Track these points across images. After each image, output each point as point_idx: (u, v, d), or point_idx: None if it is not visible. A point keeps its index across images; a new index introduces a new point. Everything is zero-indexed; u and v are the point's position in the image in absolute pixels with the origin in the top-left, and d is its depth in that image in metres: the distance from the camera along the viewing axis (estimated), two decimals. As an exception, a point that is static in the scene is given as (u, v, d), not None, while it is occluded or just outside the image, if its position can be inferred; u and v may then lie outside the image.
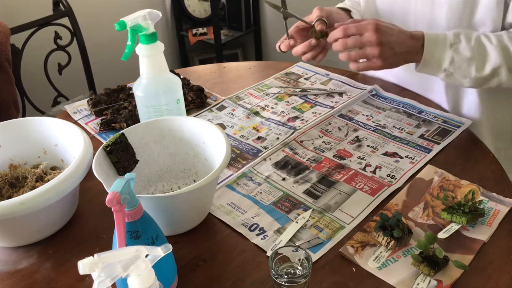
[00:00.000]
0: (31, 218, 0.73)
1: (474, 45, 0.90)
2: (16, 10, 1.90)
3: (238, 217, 0.82)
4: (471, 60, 0.91)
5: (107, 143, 0.78)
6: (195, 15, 2.58)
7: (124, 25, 0.81)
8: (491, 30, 0.95)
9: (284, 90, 1.21)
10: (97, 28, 2.11)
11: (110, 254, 0.48)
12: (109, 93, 1.17)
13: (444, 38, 0.91)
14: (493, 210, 0.80)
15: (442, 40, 0.91)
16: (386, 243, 0.73)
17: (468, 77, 0.93)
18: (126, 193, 0.57)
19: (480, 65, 0.91)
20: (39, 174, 0.86)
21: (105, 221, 0.81)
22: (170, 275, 0.67)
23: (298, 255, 0.66)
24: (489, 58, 0.90)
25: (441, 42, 0.91)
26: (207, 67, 1.41)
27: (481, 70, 0.91)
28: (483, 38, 0.91)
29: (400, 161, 0.93)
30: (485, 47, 0.91)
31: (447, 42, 0.91)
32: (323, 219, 0.80)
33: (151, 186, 0.87)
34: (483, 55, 0.91)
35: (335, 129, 1.05)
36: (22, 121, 0.89)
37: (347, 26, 0.91)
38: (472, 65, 0.91)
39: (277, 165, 0.94)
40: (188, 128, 0.85)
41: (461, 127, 1.03)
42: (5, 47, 1.39)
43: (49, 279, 0.73)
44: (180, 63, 2.70)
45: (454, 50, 0.91)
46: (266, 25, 2.64)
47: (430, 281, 0.68)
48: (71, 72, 1.64)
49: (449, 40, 0.91)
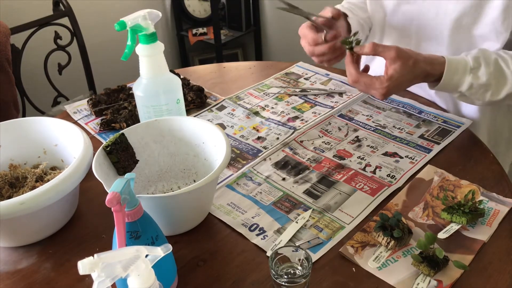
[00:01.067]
0: (31, 218, 0.73)
1: (493, 70, 0.89)
2: (16, 10, 1.90)
3: (238, 217, 0.82)
4: (488, 86, 0.90)
5: (107, 143, 0.78)
6: (195, 15, 2.58)
7: (124, 25, 0.81)
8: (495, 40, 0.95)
9: (284, 90, 1.21)
10: (97, 28, 2.11)
11: (110, 254, 0.48)
12: (109, 93, 1.17)
13: (465, 64, 0.89)
14: (493, 210, 0.80)
15: (463, 66, 0.89)
16: (386, 243, 0.73)
17: (482, 100, 0.92)
18: (126, 193, 0.57)
19: (496, 90, 0.90)
20: (39, 174, 0.86)
21: (105, 221, 0.81)
22: (170, 275, 0.67)
23: (298, 255, 0.66)
24: (506, 83, 0.90)
25: (462, 68, 0.89)
26: (207, 67, 1.41)
27: (496, 95, 0.91)
28: (501, 62, 0.90)
29: (400, 161, 0.93)
30: (504, 73, 0.90)
31: (467, 68, 0.89)
32: (323, 219, 0.80)
33: (151, 186, 0.87)
34: (500, 81, 0.90)
35: (335, 129, 1.05)
36: (22, 121, 0.89)
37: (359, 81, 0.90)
38: (489, 90, 0.90)
39: (277, 165, 0.94)
40: (188, 128, 0.85)
41: (461, 127, 1.03)
42: (5, 47, 1.39)
43: (49, 279, 0.73)
44: (180, 63, 2.70)
45: (473, 75, 0.89)
46: (266, 25, 2.64)
47: (430, 281, 0.68)
48: (71, 72, 1.64)
49: (469, 65, 0.89)
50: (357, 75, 0.90)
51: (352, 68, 0.91)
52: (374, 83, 0.88)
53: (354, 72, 0.90)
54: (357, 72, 0.90)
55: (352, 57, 0.92)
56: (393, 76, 0.86)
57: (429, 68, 0.89)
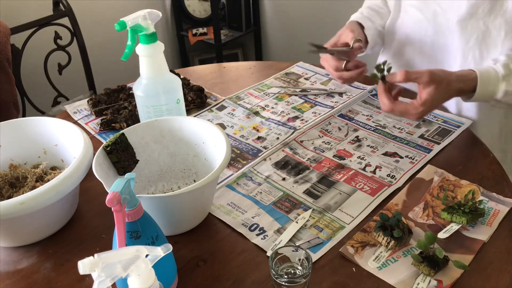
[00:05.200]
0: (31, 218, 0.73)
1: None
2: (16, 10, 1.90)
3: (238, 217, 0.82)
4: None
5: (107, 143, 0.78)
6: (195, 15, 2.58)
7: (124, 25, 0.81)
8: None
9: (284, 90, 1.21)
10: (97, 28, 2.11)
11: (110, 254, 0.48)
12: (109, 93, 1.17)
13: (496, 74, 0.90)
14: (493, 210, 0.80)
15: (494, 76, 0.90)
16: (386, 243, 0.74)
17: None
18: (126, 193, 0.57)
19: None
20: (39, 174, 0.86)
21: (105, 221, 0.81)
22: (170, 275, 0.67)
23: (298, 255, 0.66)
24: None
25: (494, 78, 0.90)
26: (207, 67, 1.41)
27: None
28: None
29: (400, 161, 0.93)
30: None
31: (499, 77, 0.90)
32: (323, 219, 0.80)
33: (151, 186, 0.87)
34: None
35: (335, 129, 1.05)
36: (22, 121, 0.89)
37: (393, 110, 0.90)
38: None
39: (277, 165, 0.94)
40: (188, 128, 0.85)
41: (461, 127, 1.03)
42: (5, 47, 1.39)
43: (49, 279, 0.73)
44: (180, 63, 2.70)
45: (507, 82, 0.90)
46: (266, 25, 2.64)
47: (430, 281, 0.68)
48: (71, 72, 1.64)
49: (501, 73, 0.90)
50: (391, 105, 0.90)
51: (385, 98, 0.91)
52: (408, 110, 0.89)
53: (388, 102, 0.91)
54: (391, 102, 0.91)
55: (385, 86, 0.92)
56: (427, 101, 0.87)
57: (462, 85, 0.90)
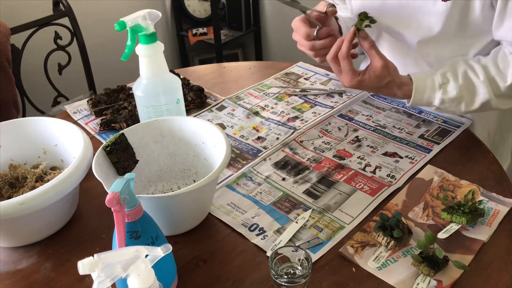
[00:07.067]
0: (31, 218, 0.73)
1: (462, 83, 0.91)
2: (16, 10, 1.90)
3: (238, 217, 0.82)
4: (460, 98, 0.92)
5: (107, 143, 0.78)
6: (195, 15, 2.58)
7: (124, 25, 0.81)
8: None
9: (284, 90, 1.21)
10: (97, 28, 2.11)
11: (110, 254, 0.48)
12: (109, 93, 1.17)
13: (432, 82, 0.92)
14: (493, 210, 0.80)
15: (431, 84, 0.92)
16: (386, 243, 0.74)
17: (458, 111, 0.95)
18: (126, 193, 0.57)
19: (470, 101, 0.92)
20: (39, 174, 0.86)
21: (105, 221, 0.81)
22: (170, 275, 0.67)
23: (298, 255, 0.66)
24: (477, 94, 0.91)
25: (430, 86, 0.92)
26: (207, 67, 1.41)
27: (470, 105, 0.93)
28: (470, 73, 0.91)
29: (400, 161, 0.93)
30: (473, 83, 0.91)
31: (435, 85, 0.92)
32: (323, 219, 0.80)
33: (151, 186, 0.87)
34: (472, 92, 0.91)
35: (335, 129, 1.05)
36: (22, 121, 0.89)
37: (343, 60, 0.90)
38: (462, 102, 0.92)
39: (277, 165, 0.94)
40: (188, 128, 0.85)
41: (461, 127, 1.03)
42: (5, 47, 1.39)
43: (49, 279, 0.73)
44: (180, 63, 2.70)
45: (443, 90, 0.92)
46: (266, 25, 2.64)
47: (430, 281, 0.68)
48: (71, 72, 1.64)
49: (437, 82, 0.92)
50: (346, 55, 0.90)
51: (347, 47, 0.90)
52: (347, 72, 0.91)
53: (346, 50, 0.90)
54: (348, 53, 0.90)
55: (353, 37, 0.90)
56: (364, 81, 0.91)
57: (398, 92, 0.94)
